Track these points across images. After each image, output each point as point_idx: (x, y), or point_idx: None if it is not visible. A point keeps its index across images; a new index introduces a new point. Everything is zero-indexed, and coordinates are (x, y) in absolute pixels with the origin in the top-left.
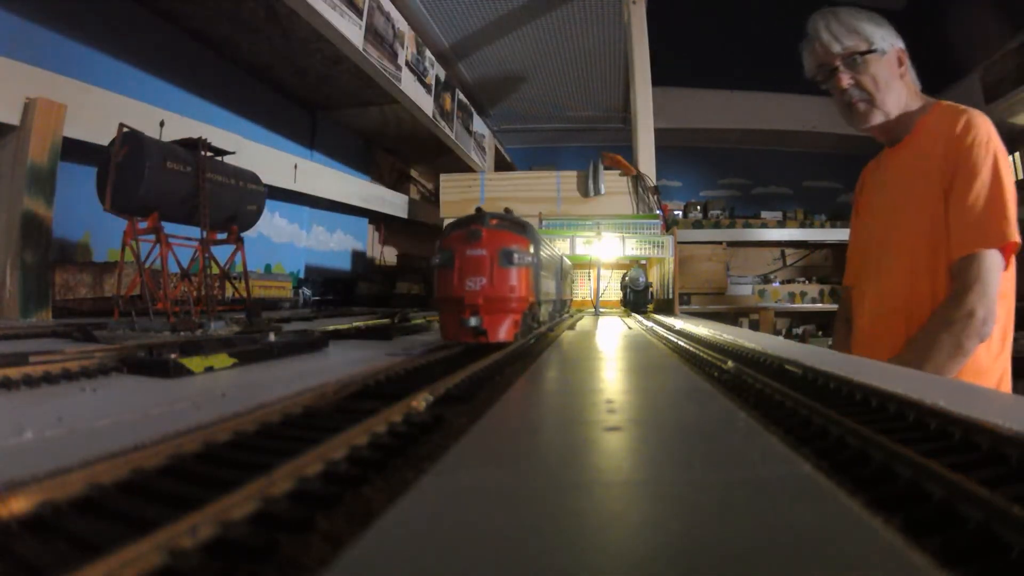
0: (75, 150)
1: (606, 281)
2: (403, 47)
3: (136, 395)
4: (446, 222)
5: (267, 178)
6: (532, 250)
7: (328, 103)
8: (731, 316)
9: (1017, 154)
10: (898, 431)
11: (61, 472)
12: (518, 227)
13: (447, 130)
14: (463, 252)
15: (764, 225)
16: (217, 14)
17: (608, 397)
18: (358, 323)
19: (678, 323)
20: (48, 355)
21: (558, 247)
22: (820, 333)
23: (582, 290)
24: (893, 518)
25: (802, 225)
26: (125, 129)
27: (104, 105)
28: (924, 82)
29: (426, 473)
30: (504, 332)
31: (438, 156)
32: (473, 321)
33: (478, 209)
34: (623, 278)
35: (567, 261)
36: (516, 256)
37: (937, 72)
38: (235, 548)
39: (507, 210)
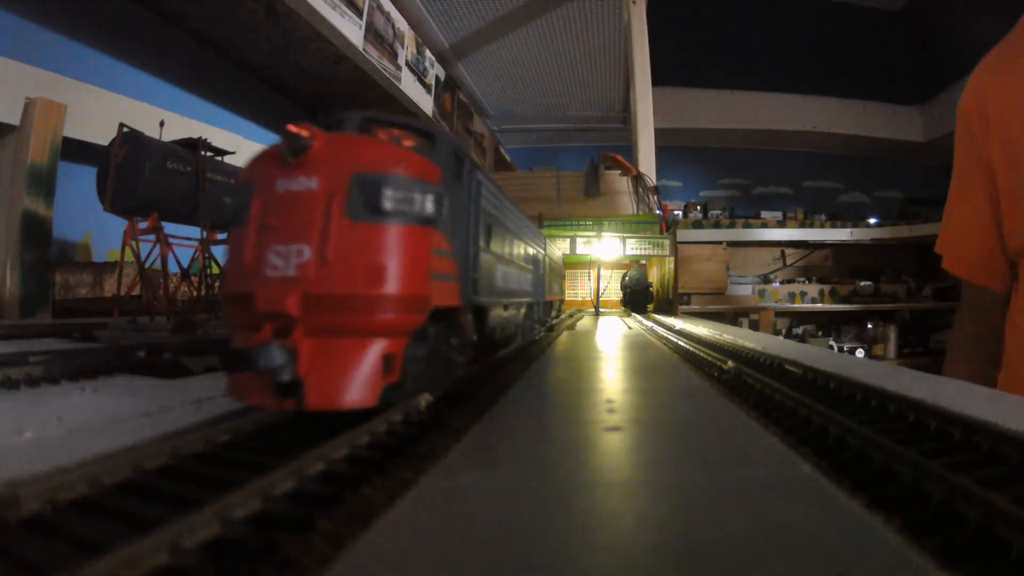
0: (75, 150)
1: (606, 281)
2: (403, 47)
3: (136, 395)
4: None
5: None
6: (448, 186)
7: (328, 103)
8: (731, 316)
9: None
10: (898, 431)
11: (60, 472)
12: (422, 139)
13: (447, 130)
14: (269, 187)
15: (764, 225)
16: (217, 14)
17: (608, 397)
18: None
19: (678, 323)
20: (48, 355)
21: (558, 247)
22: (820, 333)
23: (582, 290)
24: (893, 518)
25: (802, 225)
26: (125, 129)
27: (104, 105)
28: (924, 81)
29: (426, 473)
30: (354, 386)
31: None
32: (276, 356)
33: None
34: (623, 278)
35: (555, 249)
36: (391, 195)
37: (937, 71)
38: (236, 546)
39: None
